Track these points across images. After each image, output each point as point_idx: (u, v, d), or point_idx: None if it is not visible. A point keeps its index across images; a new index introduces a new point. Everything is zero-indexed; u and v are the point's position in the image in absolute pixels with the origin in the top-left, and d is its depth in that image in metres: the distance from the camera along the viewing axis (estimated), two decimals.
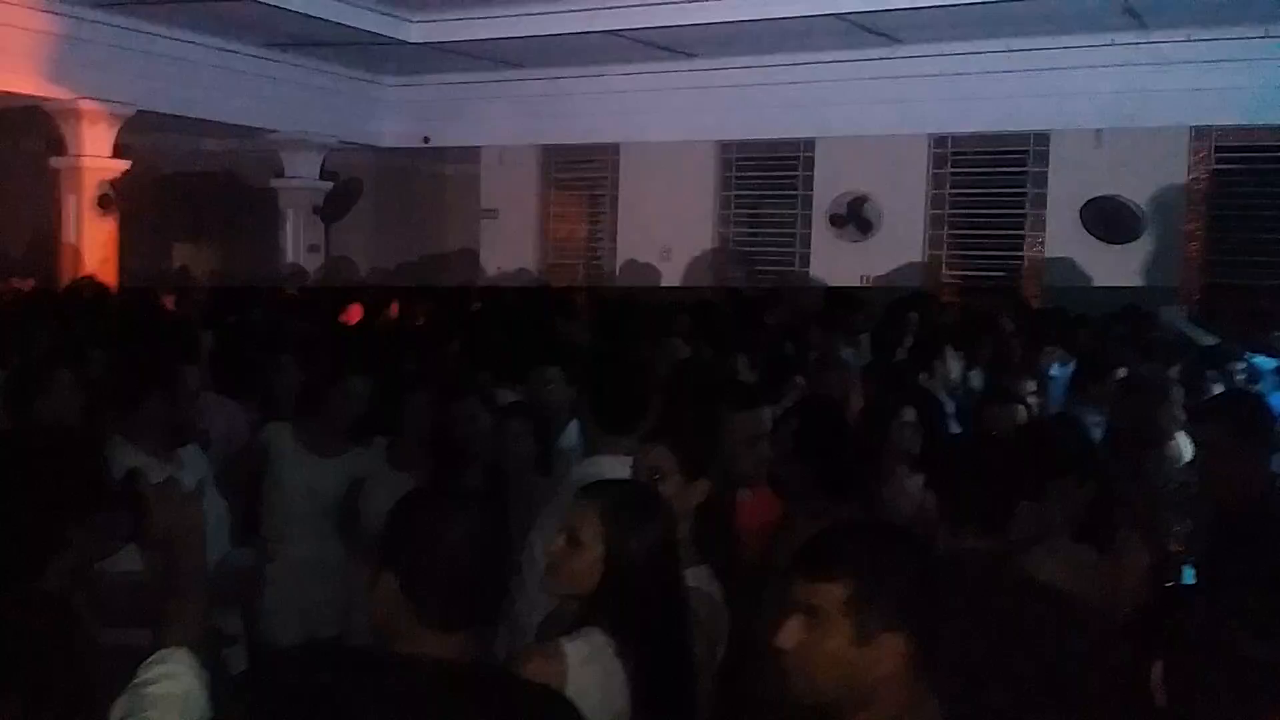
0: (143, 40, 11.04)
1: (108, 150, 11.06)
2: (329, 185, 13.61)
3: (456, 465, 4.22)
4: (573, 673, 2.27)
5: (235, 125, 12.40)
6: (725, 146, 12.79)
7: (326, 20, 10.88)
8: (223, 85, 11.87)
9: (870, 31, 10.46)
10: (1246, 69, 9.72)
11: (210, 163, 12.62)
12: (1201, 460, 3.60)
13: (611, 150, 13.37)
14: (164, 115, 11.49)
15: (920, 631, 1.76)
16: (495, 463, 4.25)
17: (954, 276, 11.98)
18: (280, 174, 13.33)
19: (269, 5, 10.28)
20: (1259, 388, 5.81)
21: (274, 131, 12.87)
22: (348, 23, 11.10)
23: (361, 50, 12.41)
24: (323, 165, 13.66)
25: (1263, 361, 6.51)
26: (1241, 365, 6.29)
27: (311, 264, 12.77)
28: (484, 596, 1.99)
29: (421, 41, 11.92)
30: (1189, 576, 3.66)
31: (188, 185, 12.60)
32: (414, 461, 4.42)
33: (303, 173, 13.47)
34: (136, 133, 11.51)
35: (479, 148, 14.15)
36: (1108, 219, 10.71)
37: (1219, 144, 10.53)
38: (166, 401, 3.40)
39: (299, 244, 13.27)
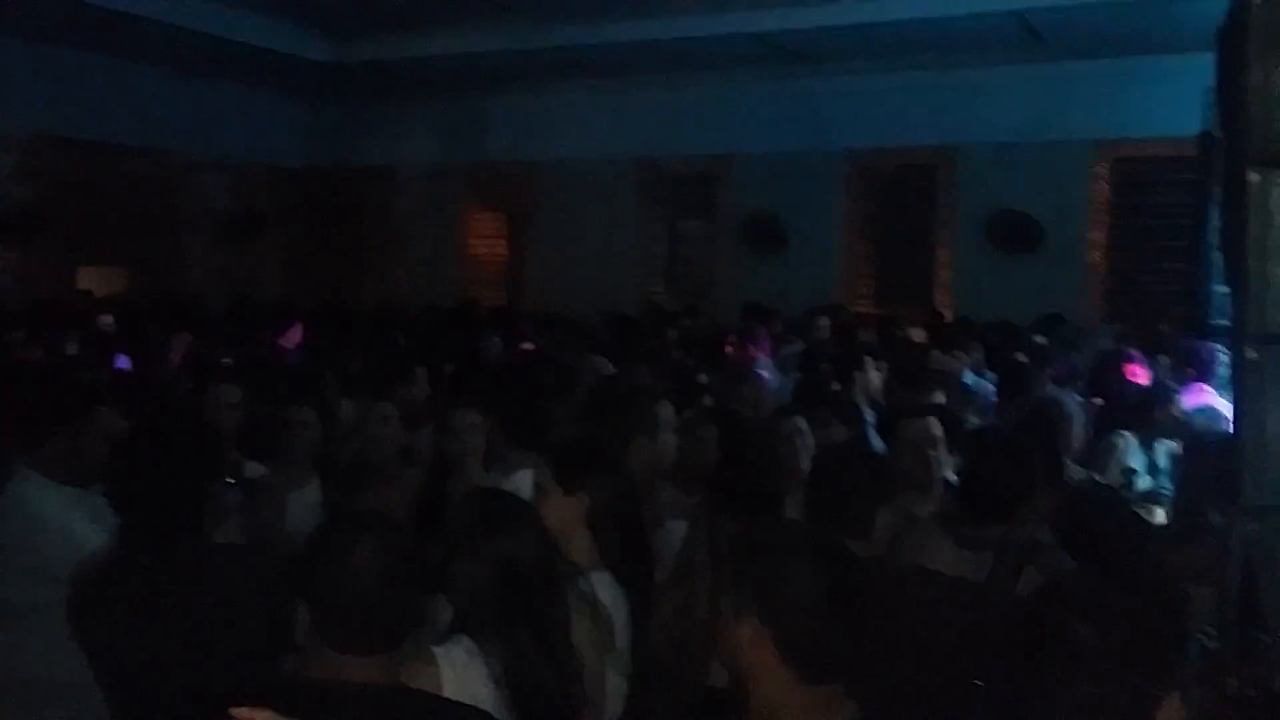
0: (44, 62, 10.79)
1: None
2: (238, 209, 13.39)
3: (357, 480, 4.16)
4: (447, 677, 2.33)
5: (142, 148, 12.16)
6: (643, 165, 12.89)
7: (235, 41, 10.75)
8: (127, 107, 11.65)
9: (784, 52, 10.64)
10: (1144, 87, 10.09)
11: (118, 186, 12.33)
12: None
13: (528, 170, 13.38)
14: (67, 138, 11.24)
15: (778, 629, 1.84)
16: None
17: (868, 290, 12.22)
18: (189, 197, 13.10)
19: (175, 26, 10.12)
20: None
21: (181, 154, 12.65)
22: (256, 43, 10.98)
23: (272, 71, 12.28)
24: (231, 189, 13.45)
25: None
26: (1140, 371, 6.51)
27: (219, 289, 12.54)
28: (393, 620, 2.00)
29: (331, 62, 11.84)
30: None
31: (94, 208, 12.28)
32: (296, 479, 4.32)
33: (211, 195, 13.25)
34: (38, 156, 11.22)
35: (394, 170, 14.06)
36: (1012, 231, 11.01)
37: (1119, 157, 10.90)
38: (73, 437, 3.26)
39: (204, 268, 13.04)
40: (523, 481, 3.21)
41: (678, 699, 2.54)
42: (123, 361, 6.33)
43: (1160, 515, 4.52)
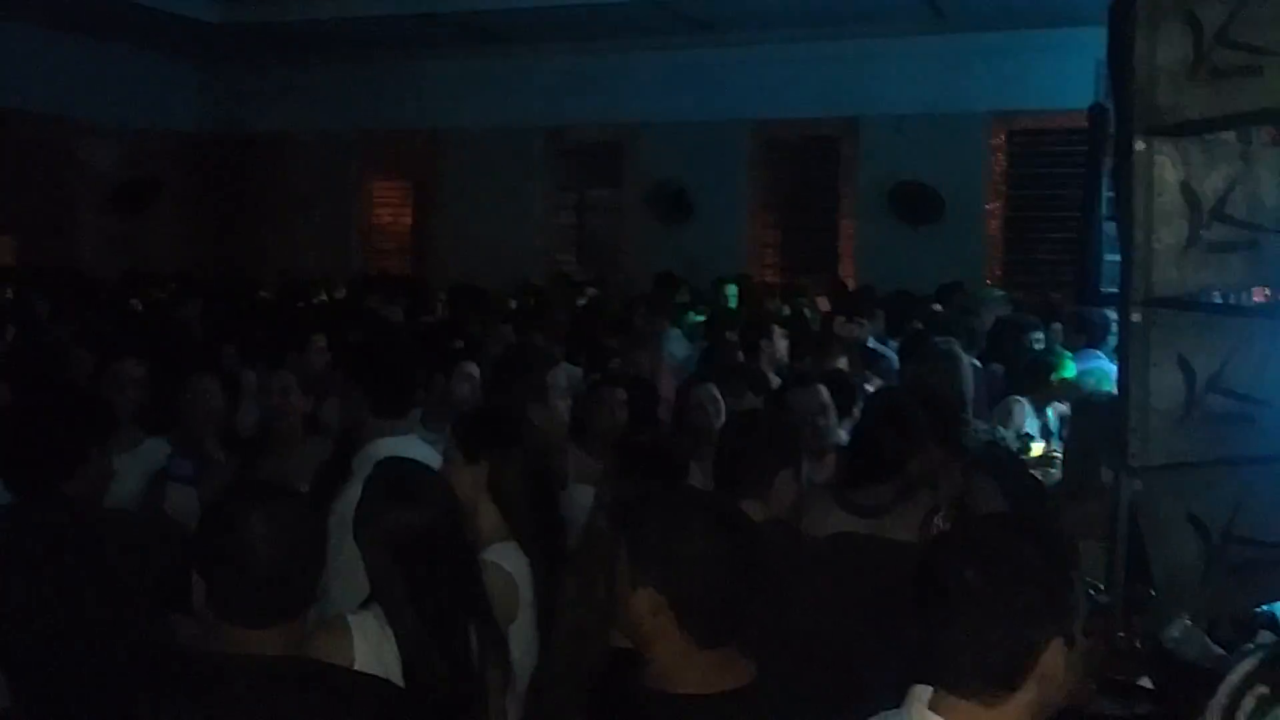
0: None
1: None
2: (130, 176, 12.95)
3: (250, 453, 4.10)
4: (360, 645, 2.33)
5: (28, 112, 11.68)
6: (549, 134, 12.79)
7: (125, 1, 10.36)
8: (12, 70, 11.15)
9: (687, 19, 10.63)
10: (1039, 59, 10.32)
11: (3, 152, 11.86)
12: None
13: (432, 138, 13.19)
14: None
15: (675, 596, 1.85)
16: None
17: (774, 259, 12.35)
18: (77, 163, 12.63)
19: None
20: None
21: (68, 119, 12.18)
22: (146, 3, 10.60)
23: (163, 32, 11.87)
24: (124, 155, 13.00)
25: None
26: (1039, 336, 6.71)
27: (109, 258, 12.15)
28: (289, 591, 1.97)
29: (224, 22, 11.49)
30: None
31: None
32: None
33: (101, 162, 12.78)
34: None
35: (292, 136, 13.73)
36: (913, 202, 11.21)
37: (1015, 128, 11.16)
38: None
39: (95, 237, 12.61)
40: (376, 453, 3.19)
41: (582, 666, 2.55)
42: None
43: (1056, 477, 4.67)
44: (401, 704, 2.06)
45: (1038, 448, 5.24)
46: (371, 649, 2.35)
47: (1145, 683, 2.40)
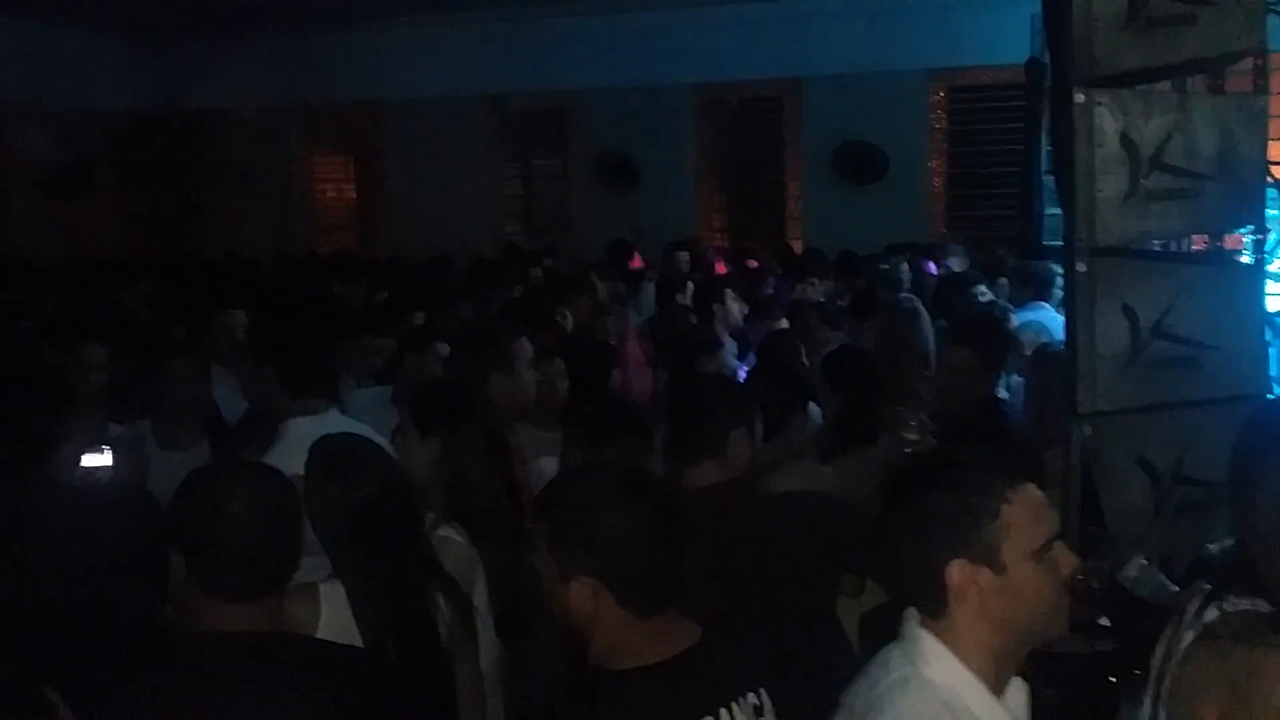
0: None
1: None
2: (64, 158, 12.65)
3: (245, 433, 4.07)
4: (328, 612, 2.38)
5: None
6: (492, 103, 12.68)
7: None
8: None
9: None
10: (976, 15, 10.39)
11: None
12: (943, 374, 3.93)
13: (374, 109, 13.02)
14: None
15: (610, 576, 1.85)
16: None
17: (721, 223, 12.38)
18: (8, 147, 12.31)
19: None
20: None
21: None
22: None
23: (91, 8, 11.57)
24: (57, 138, 12.69)
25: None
26: (982, 289, 6.81)
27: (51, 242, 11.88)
28: (270, 565, 1.99)
29: None
30: None
31: None
32: (182, 440, 4.21)
33: (33, 146, 12.47)
34: None
35: (230, 113, 13.49)
36: (857, 162, 11.27)
37: (953, 85, 11.24)
38: None
39: (32, 223, 12.32)
40: (297, 430, 3.20)
41: (550, 641, 2.57)
42: None
43: None
44: (383, 678, 2.08)
45: None
46: (336, 619, 2.40)
47: (1104, 621, 2.47)
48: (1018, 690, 1.83)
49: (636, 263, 9.40)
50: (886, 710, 1.74)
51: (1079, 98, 2.90)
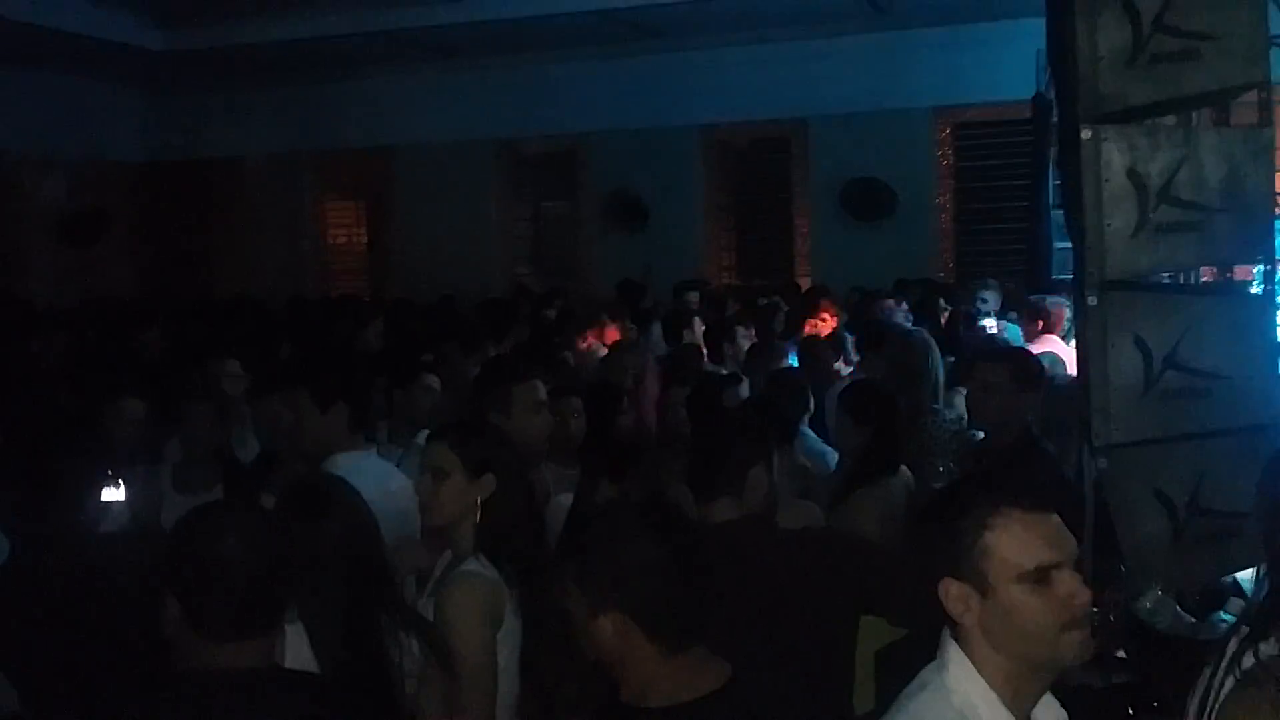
0: None
1: None
2: (79, 207, 12.80)
3: (261, 475, 4.09)
4: (291, 652, 2.36)
5: None
6: (502, 146, 12.80)
7: (65, 31, 10.25)
8: None
9: (633, 27, 10.69)
10: (981, 52, 10.48)
11: None
12: (977, 402, 3.94)
13: (385, 155, 13.15)
14: None
15: (638, 610, 1.87)
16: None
17: (730, 262, 12.44)
18: (24, 197, 12.47)
19: (3, 18, 9.59)
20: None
21: (14, 152, 12.01)
22: (88, 33, 10.49)
23: (107, 62, 11.75)
24: (72, 187, 12.85)
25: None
26: (990, 323, 6.84)
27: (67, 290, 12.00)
28: (261, 606, 1.99)
29: (168, 50, 11.40)
30: None
31: None
32: (197, 483, 4.24)
33: (48, 195, 12.62)
34: None
35: (242, 161, 13.63)
36: (865, 199, 11.32)
37: (959, 122, 11.32)
38: None
39: (47, 270, 12.45)
40: (342, 468, 3.21)
41: (575, 678, 2.57)
42: None
43: None
44: (388, 714, 2.08)
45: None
46: (300, 657, 2.39)
47: (1121, 654, 2.47)
48: (1048, 712, 1.84)
49: None
50: (904, 710, 1.81)
51: (1086, 134, 2.93)
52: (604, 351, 6.73)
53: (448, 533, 2.86)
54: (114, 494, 3.18)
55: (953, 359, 6.37)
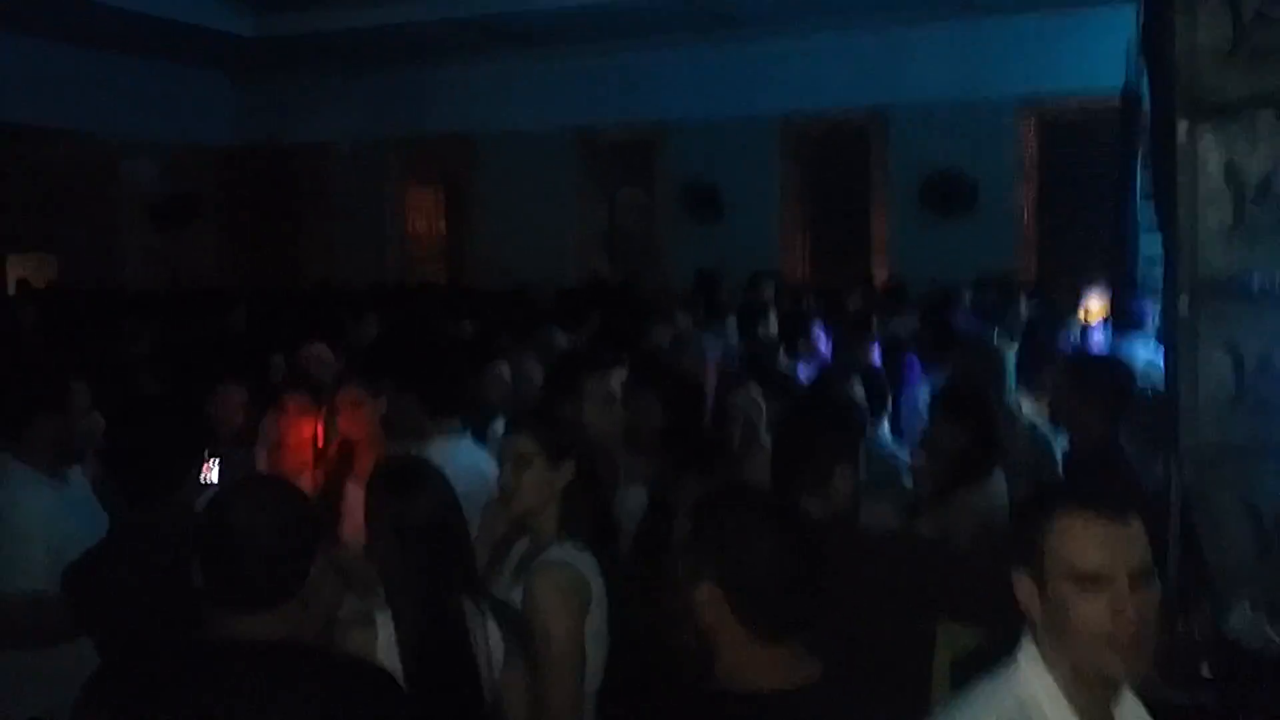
0: None
1: None
2: (170, 192, 13.15)
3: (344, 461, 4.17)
4: (382, 640, 2.42)
5: (68, 132, 11.87)
6: (580, 135, 12.84)
7: (160, 18, 10.51)
8: (52, 91, 11.35)
9: (714, 15, 10.64)
10: (1067, 43, 10.24)
11: (44, 172, 12.08)
12: (1056, 410, 3.87)
13: (465, 143, 13.28)
14: None
15: (730, 587, 1.91)
16: None
17: (805, 254, 12.33)
18: (118, 180, 12.83)
19: (97, 3, 9.86)
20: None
21: (108, 137, 12.37)
22: (182, 19, 10.75)
23: (199, 48, 12.03)
24: (164, 171, 13.20)
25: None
26: (1072, 322, 6.69)
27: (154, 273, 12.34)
28: (268, 578, 2.02)
29: (259, 36, 11.63)
30: None
31: (21, 196, 12.02)
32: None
33: (141, 179, 12.98)
34: None
35: (328, 147, 13.87)
36: (945, 192, 11.14)
37: (1044, 114, 11.07)
38: (56, 420, 3.28)
39: (137, 254, 12.82)
40: (437, 453, 3.24)
41: (650, 670, 2.57)
42: None
43: None
44: (391, 691, 2.09)
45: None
46: (391, 645, 2.43)
47: (1206, 673, 2.39)
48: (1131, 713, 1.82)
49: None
50: (966, 699, 1.84)
51: (1182, 129, 2.85)
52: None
53: (528, 521, 2.88)
54: (209, 475, 3.27)
55: (1032, 362, 6.26)
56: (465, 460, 3.56)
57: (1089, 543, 1.77)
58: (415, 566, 2.49)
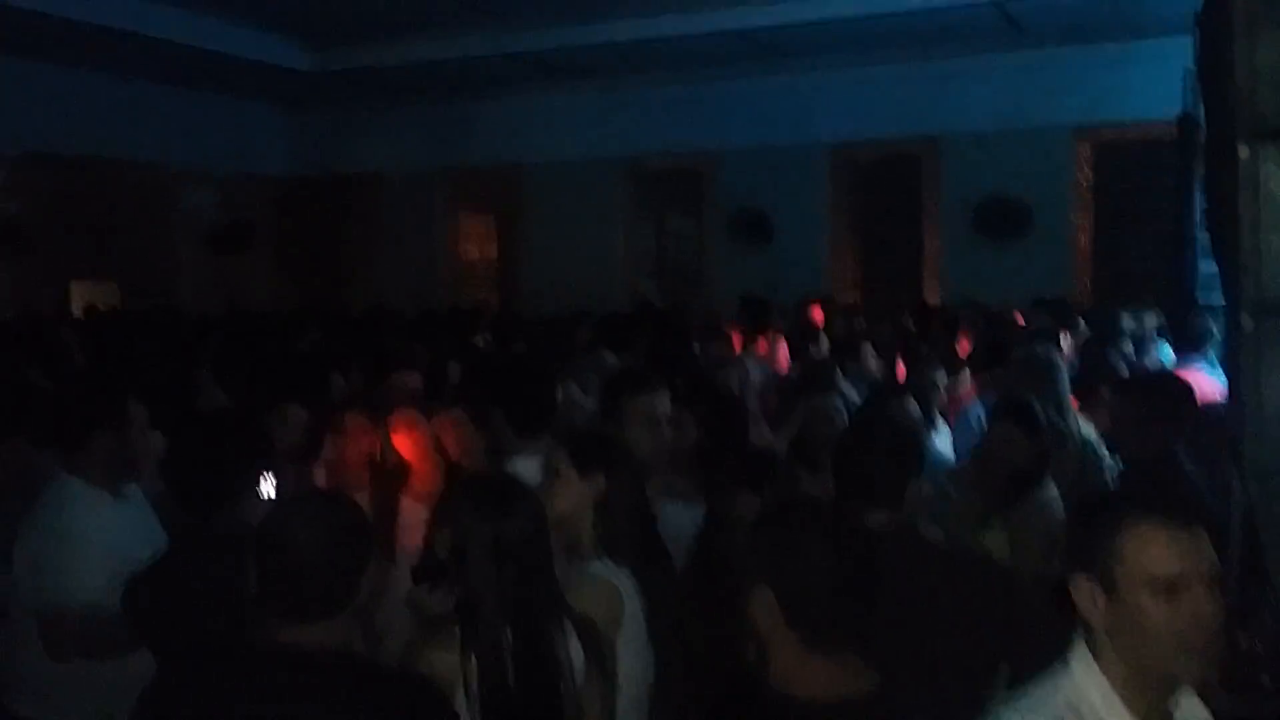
0: (29, 79, 10.80)
1: None
2: (226, 219, 13.43)
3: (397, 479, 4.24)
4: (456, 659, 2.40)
5: (129, 161, 12.19)
6: (630, 164, 12.95)
7: (219, 52, 10.78)
8: (113, 122, 11.68)
9: (768, 48, 10.72)
10: (1123, 71, 10.21)
11: (106, 200, 12.39)
12: (1115, 428, 3.86)
13: (515, 172, 13.44)
14: (54, 154, 11.26)
15: (784, 593, 1.93)
16: None
17: (856, 280, 12.33)
18: (177, 209, 13.14)
19: (158, 39, 10.15)
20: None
21: (168, 167, 12.68)
22: (240, 54, 11.02)
23: (256, 81, 12.32)
24: (221, 200, 13.50)
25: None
26: (1129, 348, 6.64)
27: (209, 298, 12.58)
28: (319, 590, 2.05)
29: (315, 70, 11.88)
30: None
31: (83, 223, 12.32)
32: (352, 484, 4.39)
33: (199, 207, 13.28)
34: (25, 172, 11.25)
35: (380, 177, 14.10)
36: (999, 218, 11.10)
37: (1100, 141, 11.02)
38: (114, 438, 3.36)
39: (195, 280, 13.09)
40: (525, 469, 3.28)
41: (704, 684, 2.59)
42: None
43: None
44: (439, 705, 2.11)
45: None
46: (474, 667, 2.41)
47: (1268, 682, 2.39)
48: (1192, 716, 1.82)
49: None
50: (1015, 699, 1.86)
51: (1244, 153, 2.84)
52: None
53: (563, 534, 2.92)
54: (267, 490, 3.33)
55: (1087, 380, 6.22)
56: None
57: (1167, 550, 1.78)
58: (509, 584, 2.47)
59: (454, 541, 2.53)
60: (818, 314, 9.14)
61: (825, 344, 7.24)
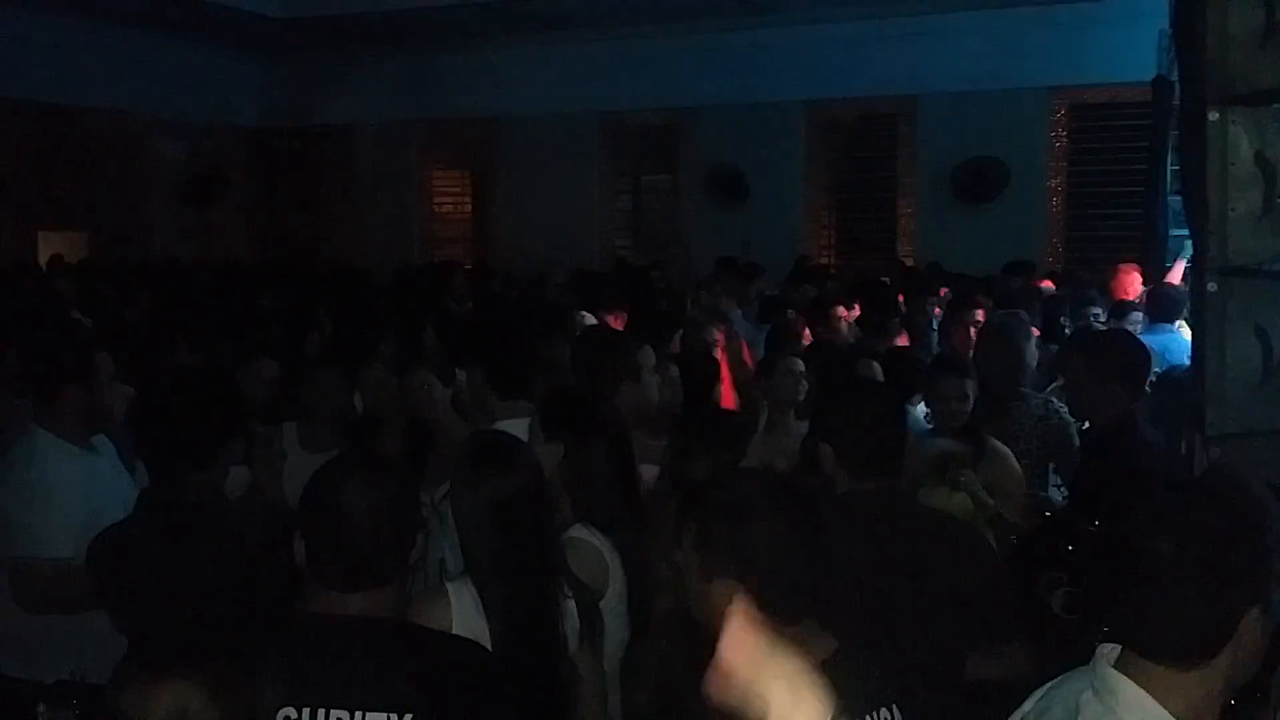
0: None
1: None
2: (198, 170, 13.26)
3: (369, 436, 4.20)
4: (457, 612, 2.42)
5: (98, 110, 11.99)
6: (605, 119, 12.86)
7: None
8: (82, 69, 11.46)
9: (748, 4, 10.64)
10: (1099, 32, 10.19)
11: (75, 149, 12.19)
12: (1071, 389, 3.89)
13: (490, 126, 13.32)
14: (21, 100, 11.07)
15: (752, 584, 1.83)
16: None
17: (830, 240, 12.34)
18: (147, 158, 12.96)
19: None
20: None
21: (137, 115, 12.49)
22: (213, 0, 10.83)
23: (228, 29, 12.12)
24: (192, 150, 13.32)
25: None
26: (1095, 310, 6.68)
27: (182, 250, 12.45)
28: (373, 557, 2.03)
29: (287, 17, 11.70)
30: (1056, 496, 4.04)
31: (52, 172, 12.14)
32: (326, 441, 4.37)
33: (170, 157, 13.10)
34: None
35: (353, 128, 13.95)
36: (974, 179, 11.11)
37: (1075, 103, 11.03)
38: (83, 391, 3.32)
39: (165, 231, 12.95)
40: (512, 431, 3.28)
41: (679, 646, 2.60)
42: None
43: None
44: (492, 668, 2.12)
45: None
46: (467, 617, 2.44)
47: None
48: None
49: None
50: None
51: (1213, 116, 2.85)
52: None
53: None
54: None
55: (1054, 347, 6.26)
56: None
57: None
58: (509, 543, 2.48)
59: (452, 501, 2.54)
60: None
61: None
